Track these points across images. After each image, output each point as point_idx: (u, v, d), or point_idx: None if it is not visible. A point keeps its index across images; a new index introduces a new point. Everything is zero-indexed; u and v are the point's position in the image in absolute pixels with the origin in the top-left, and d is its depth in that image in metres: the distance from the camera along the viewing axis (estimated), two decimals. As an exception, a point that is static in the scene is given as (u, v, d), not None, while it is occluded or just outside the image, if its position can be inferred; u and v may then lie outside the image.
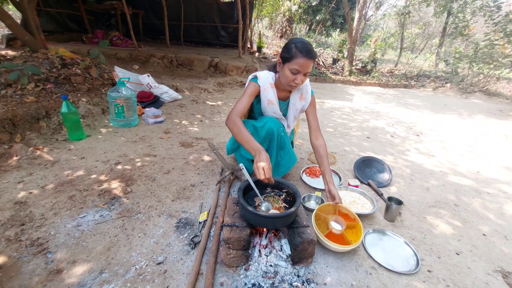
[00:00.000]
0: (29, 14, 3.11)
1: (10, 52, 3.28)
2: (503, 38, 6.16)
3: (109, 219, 1.36)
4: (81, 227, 1.29)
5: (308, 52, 1.31)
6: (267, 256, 1.12)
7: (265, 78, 1.53)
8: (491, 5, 6.39)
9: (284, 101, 1.65)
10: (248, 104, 1.50)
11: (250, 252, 1.12)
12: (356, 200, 1.63)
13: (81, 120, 2.37)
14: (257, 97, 1.58)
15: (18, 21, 4.46)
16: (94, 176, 1.72)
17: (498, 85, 7.02)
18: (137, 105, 2.85)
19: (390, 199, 1.56)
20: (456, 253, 1.35)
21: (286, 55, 1.37)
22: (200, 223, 1.36)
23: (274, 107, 1.57)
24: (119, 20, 6.74)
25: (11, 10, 6.72)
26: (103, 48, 3.15)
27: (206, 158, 2.11)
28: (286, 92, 1.61)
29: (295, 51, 1.32)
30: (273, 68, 1.60)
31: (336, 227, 1.26)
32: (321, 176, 1.94)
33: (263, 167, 1.15)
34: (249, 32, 7.77)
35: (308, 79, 1.62)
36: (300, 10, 11.53)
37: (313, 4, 11.09)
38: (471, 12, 7.24)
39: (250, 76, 1.58)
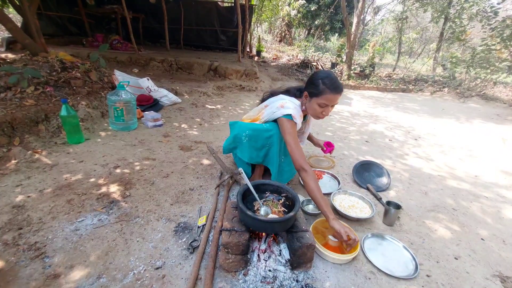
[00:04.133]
0: (30, 18, 3.12)
1: (10, 55, 3.30)
2: (500, 43, 6.23)
3: (107, 223, 1.35)
4: (79, 231, 1.29)
5: (337, 88, 1.36)
6: (266, 260, 1.12)
7: (297, 114, 1.48)
8: (488, 11, 6.47)
9: (303, 118, 1.69)
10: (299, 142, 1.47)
11: (249, 256, 1.12)
12: (355, 204, 1.63)
13: (80, 123, 2.37)
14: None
15: (19, 24, 4.49)
16: (92, 179, 1.72)
17: (495, 90, 7.08)
18: (137, 108, 2.85)
19: (388, 203, 1.57)
20: (455, 258, 1.35)
21: (314, 91, 1.41)
22: (199, 227, 1.36)
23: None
24: (119, 24, 6.77)
25: (12, 13, 6.74)
26: (103, 51, 3.16)
27: (205, 162, 2.11)
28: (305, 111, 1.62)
29: (322, 87, 1.37)
30: (294, 94, 1.61)
31: (333, 239, 1.27)
32: (320, 181, 1.95)
33: (343, 233, 1.17)
34: (249, 36, 7.83)
35: None
36: (299, 15, 11.63)
37: (312, 9, 11.20)
38: (468, 18, 7.33)
39: (284, 111, 1.45)
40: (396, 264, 1.25)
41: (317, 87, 1.39)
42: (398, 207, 1.54)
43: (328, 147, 1.96)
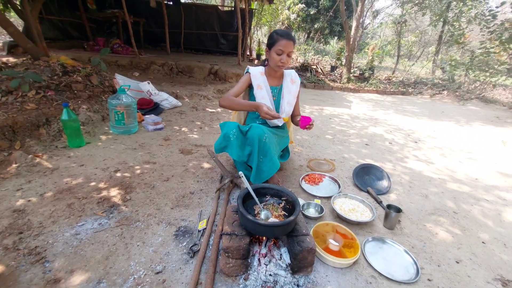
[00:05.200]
0: (31, 22, 3.15)
1: (12, 59, 3.31)
2: (498, 46, 6.26)
3: (107, 227, 1.35)
4: (80, 235, 1.29)
5: (288, 35, 1.61)
6: (267, 265, 1.11)
7: (255, 68, 1.81)
8: (486, 14, 6.52)
9: (277, 86, 1.86)
10: (241, 90, 1.76)
11: (249, 261, 1.11)
12: (355, 207, 1.63)
13: (81, 127, 2.38)
14: (252, 85, 1.79)
15: (20, 28, 4.51)
16: (93, 183, 1.72)
17: (494, 92, 7.11)
18: (137, 112, 2.86)
19: (389, 206, 1.57)
20: (456, 261, 1.35)
21: (270, 41, 1.66)
22: (199, 231, 1.36)
23: (263, 92, 1.77)
24: (121, 28, 6.81)
25: (13, 17, 6.80)
26: (104, 55, 3.19)
27: (206, 165, 2.11)
28: (278, 79, 1.86)
29: (276, 36, 1.62)
30: (263, 63, 1.88)
31: (334, 243, 1.27)
32: (320, 184, 1.96)
33: (265, 112, 1.47)
34: (249, 40, 7.87)
35: (293, 70, 1.91)
36: (298, 19, 11.70)
37: (312, 13, 11.27)
38: (467, 21, 7.37)
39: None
40: (397, 268, 1.24)
41: (272, 38, 1.65)
42: (398, 210, 1.54)
43: (304, 120, 1.67)
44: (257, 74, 1.78)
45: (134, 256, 1.19)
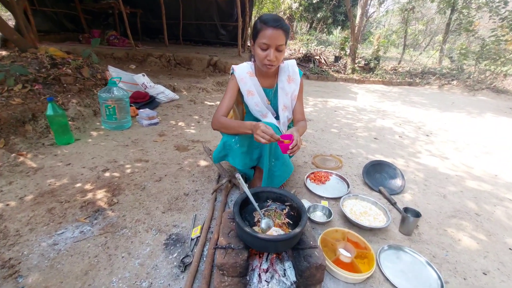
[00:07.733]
0: (18, 13, 2.98)
1: (5, 53, 3.15)
2: (509, 34, 5.95)
3: (90, 235, 1.21)
4: (58, 246, 1.14)
5: (274, 21, 1.20)
6: (268, 282, 0.96)
7: (242, 68, 1.44)
8: (497, 0, 6.18)
9: (271, 88, 1.51)
10: (231, 100, 1.43)
11: (248, 278, 0.96)
12: (367, 210, 1.46)
13: (70, 122, 2.23)
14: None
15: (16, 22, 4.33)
16: (78, 185, 1.57)
17: (506, 82, 6.80)
18: (131, 106, 2.70)
19: (406, 210, 1.40)
20: (483, 273, 1.19)
21: (254, 32, 1.27)
22: (192, 239, 1.21)
23: (255, 98, 1.45)
24: (117, 19, 6.61)
25: (3, 11, 6.60)
26: (100, 47, 3.01)
27: (202, 163, 1.95)
28: (272, 78, 1.49)
29: (260, 24, 1.22)
30: (253, 58, 1.46)
31: (345, 254, 1.11)
32: (327, 183, 1.80)
33: (262, 131, 1.11)
34: (249, 30, 7.60)
35: (294, 61, 1.52)
36: (300, 8, 11.34)
37: (314, 1, 10.90)
38: (476, 8, 7.02)
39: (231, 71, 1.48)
40: (418, 283, 1.08)
41: (255, 27, 1.25)
42: (417, 214, 1.36)
43: (282, 146, 1.18)
44: (244, 76, 1.42)
45: (117, 270, 1.05)
